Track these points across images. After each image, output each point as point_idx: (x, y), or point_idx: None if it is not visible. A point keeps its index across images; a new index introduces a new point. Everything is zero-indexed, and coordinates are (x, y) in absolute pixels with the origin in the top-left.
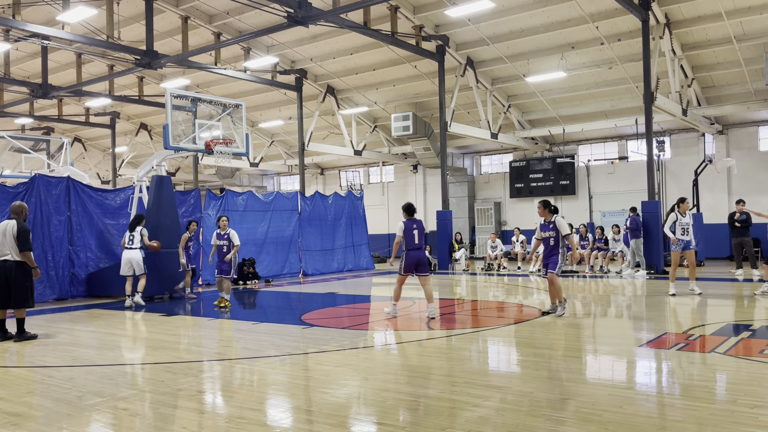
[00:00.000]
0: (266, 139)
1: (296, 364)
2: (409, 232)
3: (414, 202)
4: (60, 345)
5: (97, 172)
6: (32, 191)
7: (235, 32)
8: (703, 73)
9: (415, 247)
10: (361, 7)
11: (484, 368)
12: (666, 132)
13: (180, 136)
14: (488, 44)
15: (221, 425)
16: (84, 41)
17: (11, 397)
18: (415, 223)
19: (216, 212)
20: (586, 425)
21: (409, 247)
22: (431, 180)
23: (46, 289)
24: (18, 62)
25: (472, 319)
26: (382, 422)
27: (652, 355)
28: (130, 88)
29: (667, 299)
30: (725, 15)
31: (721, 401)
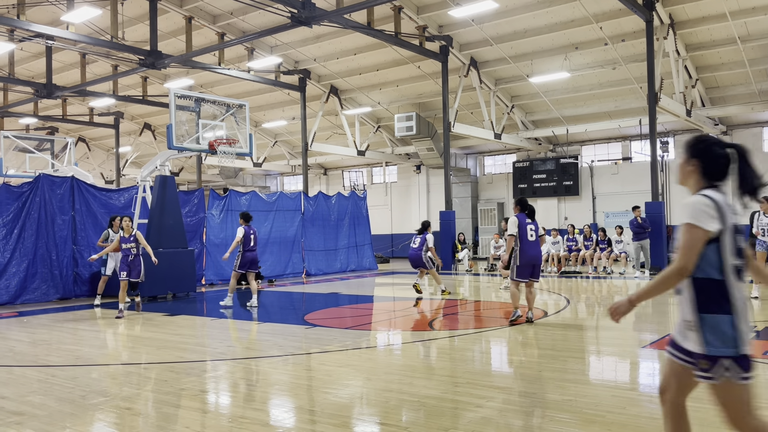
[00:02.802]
0: (270, 139)
1: (299, 364)
2: (523, 228)
3: (417, 203)
4: (63, 344)
5: (101, 172)
6: (36, 191)
7: (239, 32)
8: (707, 73)
9: (531, 245)
10: (365, 8)
11: (486, 369)
12: (670, 133)
13: (183, 136)
14: (492, 45)
15: (224, 425)
16: (88, 41)
17: (15, 396)
18: (528, 219)
19: (220, 212)
20: (589, 426)
21: (524, 244)
22: (434, 180)
23: (49, 289)
24: (23, 62)
25: (475, 320)
26: (384, 422)
27: (656, 356)
28: (134, 88)
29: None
30: (729, 15)
31: None
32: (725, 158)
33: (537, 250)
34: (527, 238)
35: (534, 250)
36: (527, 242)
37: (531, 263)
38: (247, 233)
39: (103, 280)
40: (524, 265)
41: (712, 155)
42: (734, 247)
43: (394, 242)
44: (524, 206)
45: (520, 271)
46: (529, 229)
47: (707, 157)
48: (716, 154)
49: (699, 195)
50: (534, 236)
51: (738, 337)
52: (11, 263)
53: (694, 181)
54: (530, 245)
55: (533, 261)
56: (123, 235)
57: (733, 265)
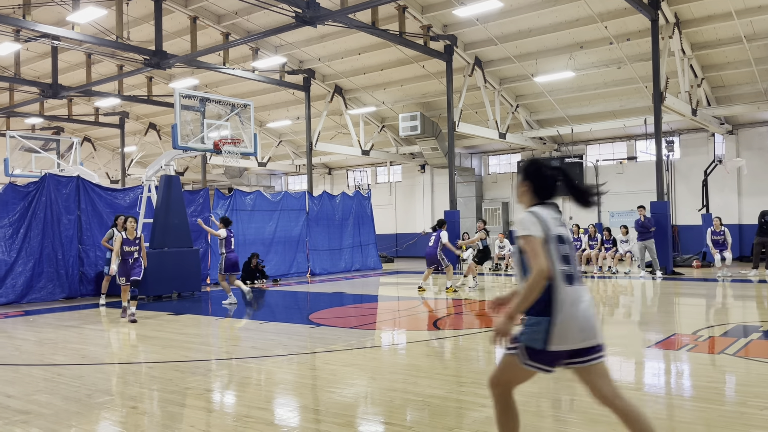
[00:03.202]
0: (274, 139)
1: (304, 363)
2: None
3: (421, 202)
4: (69, 343)
5: (106, 172)
6: (42, 190)
7: (244, 32)
8: (712, 72)
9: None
10: (369, 7)
11: (491, 368)
12: (675, 132)
13: (188, 135)
14: (496, 44)
15: (229, 424)
16: (94, 41)
17: (21, 395)
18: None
19: (224, 212)
20: (593, 426)
21: None
22: (439, 180)
23: (55, 288)
24: (28, 62)
25: (479, 320)
26: (389, 422)
27: (661, 356)
28: (139, 88)
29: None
30: (735, 14)
31: (730, 403)
32: (552, 179)
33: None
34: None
35: None
36: None
37: None
38: (228, 236)
39: (106, 280)
40: None
41: (541, 176)
42: (559, 255)
43: (398, 242)
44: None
45: None
46: None
47: (537, 179)
48: (545, 176)
49: (525, 212)
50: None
51: (550, 336)
52: (17, 262)
53: (527, 200)
54: None
55: None
56: (126, 237)
57: (561, 270)
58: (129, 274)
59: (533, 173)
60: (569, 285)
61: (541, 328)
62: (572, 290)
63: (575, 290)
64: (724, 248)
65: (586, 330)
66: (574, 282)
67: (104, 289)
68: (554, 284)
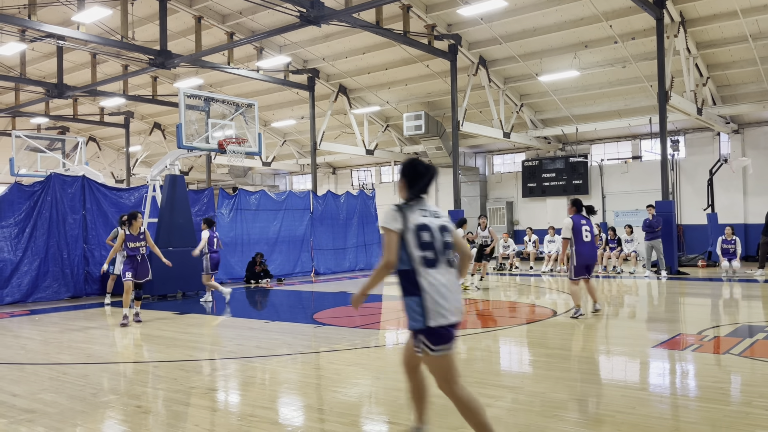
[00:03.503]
0: (278, 138)
1: (308, 362)
2: (578, 229)
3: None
4: (74, 342)
5: (111, 171)
6: (48, 190)
7: (248, 32)
8: (718, 71)
9: (586, 246)
10: (374, 7)
11: (496, 368)
12: (680, 131)
13: (193, 135)
14: (501, 43)
15: (233, 423)
16: (99, 41)
17: (26, 394)
18: (583, 219)
19: (229, 211)
20: (599, 426)
21: (580, 246)
22: (443, 179)
23: (61, 287)
24: (34, 62)
25: (484, 319)
26: (393, 421)
27: (666, 356)
28: (144, 87)
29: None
30: (741, 13)
31: (735, 403)
32: (423, 176)
33: (593, 250)
34: (582, 239)
35: (590, 250)
36: (582, 243)
37: (586, 263)
38: (211, 236)
39: (111, 279)
40: (580, 265)
41: (414, 174)
42: (419, 242)
43: None
44: (580, 207)
45: (577, 270)
46: (584, 230)
47: (410, 176)
48: (417, 173)
49: (390, 206)
50: (589, 236)
51: (427, 313)
52: (23, 262)
53: (403, 194)
54: (585, 246)
55: (588, 261)
56: (130, 233)
57: (420, 256)
58: (137, 274)
59: (408, 171)
60: (429, 268)
61: (417, 310)
62: (432, 272)
63: (436, 272)
64: (734, 257)
65: (450, 308)
66: (435, 265)
67: (109, 288)
68: (414, 269)
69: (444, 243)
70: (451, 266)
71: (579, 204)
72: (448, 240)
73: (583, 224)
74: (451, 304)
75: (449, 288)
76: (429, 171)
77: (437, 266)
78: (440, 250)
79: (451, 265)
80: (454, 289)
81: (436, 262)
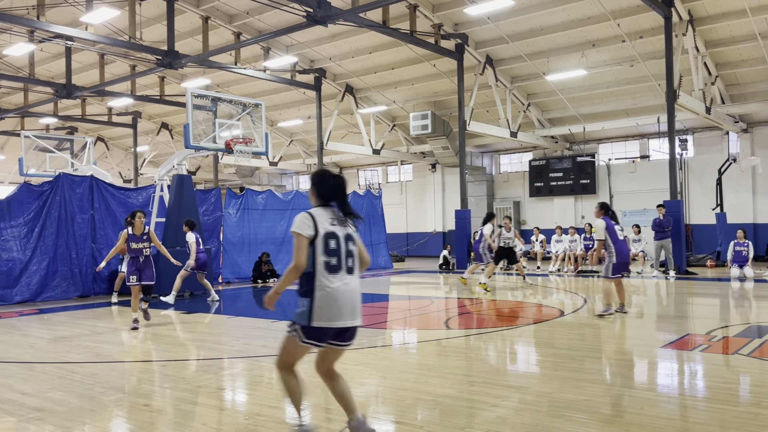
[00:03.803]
0: (285, 138)
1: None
2: (612, 230)
3: (432, 201)
4: (83, 341)
5: (119, 171)
6: (57, 190)
7: (255, 32)
8: (727, 70)
9: (623, 244)
10: (380, 6)
11: (502, 368)
12: (689, 130)
13: (200, 135)
14: (508, 42)
15: (241, 422)
16: (107, 42)
17: (36, 392)
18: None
19: (236, 211)
20: (606, 427)
21: (618, 245)
22: (450, 179)
23: (69, 287)
24: (42, 63)
25: (490, 319)
26: (400, 421)
27: (674, 356)
28: (152, 88)
29: (690, 299)
30: (750, 11)
31: (744, 403)
32: (332, 186)
33: (627, 248)
34: (618, 238)
35: (626, 248)
36: (619, 242)
37: (625, 260)
38: (197, 238)
39: (119, 278)
40: (620, 263)
41: (323, 184)
42: (326, 248)
43: (409, 241)
44: (607, 209)
45: (616, 268)
46: (617, 229)
47: (319, 185)
48: (326, 183)
49: (302, 213)
50: (622, 235)
51: (312, 313)
52: (32, 261)
53: (313, 202)
54: (622, 244)
55: (627, 258)
56: (133, 233)
57: (324, 261)
58: (140, 276)
59: (317, 181)
60: (330, 273)
61: (305, 308)
62: (332, 277)
63: (335, 278)
64: (746, 262)
65: (343, 312)
66: (337, 271)
67: (117, 287)
68: (315, 272)
69: (347, 251)
70: (351, 273)
71: (607, 206)
72: (352, 249)
73: (614, 224)
74: (342, 309)
75: (344, 294)
76: (337, 181)
77: (338, 272)
78: (344, 257)
79: (351, 273)
80: (350, 295)
81: (338, 268)
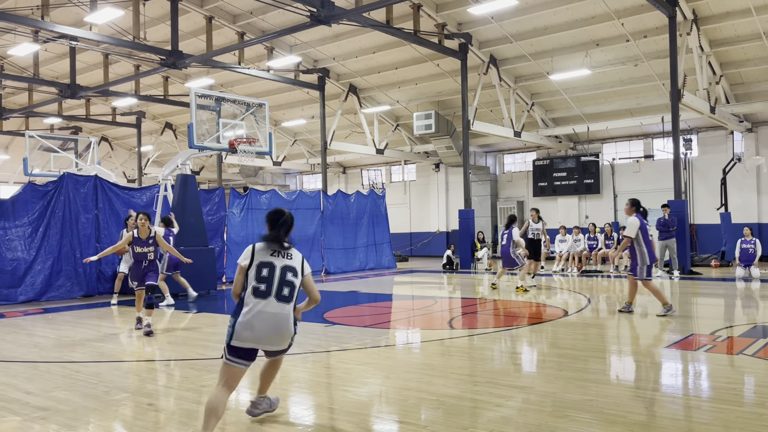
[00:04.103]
0: (289, 138)
1: (318, 362)
2: (644, 229)
3: (436, 201)
4: (87, 341)
5: (123, 171)
6: (61, 189)
7: (259, 32)
8: (731, 69)
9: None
10: (384, 6)
11: (506, 368)
12: (693, 130)
13: (204, 135)
14: (511, 42)
15: (244, 422)
16: (111, 42)
17: (40, 392)
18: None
19: (240, 211)
20: (610, 426)
21: (649, 246)
22: (453, 179)
23: (73, 286)
24: (47, 63)
25: (494, 319)
26: (403, 421)
27: (678, 356)
28: (156, 87)
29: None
30: (754, 11)
31: (749, 404)
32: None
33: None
34: (649, 238)
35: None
36: (650, 242)
37: (654, 261)
38: (167, 234)
39: (119, 278)
40: (651, 264)
41: (270, 219)
42: (258, 276)
43: (412, 241)
44: (638, 206)
45: (649, 269)
46: (648, 228)
47: (272, 223)
48: (271, 220)
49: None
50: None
51: (233, 333)
52: (36, 261)
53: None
54: (651, 245)
55: (654, 259)
56: (138, 236)
57: (253, 287)
58: (142, 279)
59: (270, 218)
60: (256, 298)
61: (229, 327)
62: (256, 302)
63: (258, 303)
64: (752, 260)
65: (257, 336)
66: (264, 297)
67: (116, 288)
68: (246, 296)
69: (282, 281)
70: (281, 301)
71: (638, 203)
72: (291, 280)
73: (646, 224)
74: (256, 333)
75: (265, 320)
76: (286, 222)
77: (266, 298)
78: (275, 285)
79: (281, 300)
80: (271, 322)
81: (266, 294)
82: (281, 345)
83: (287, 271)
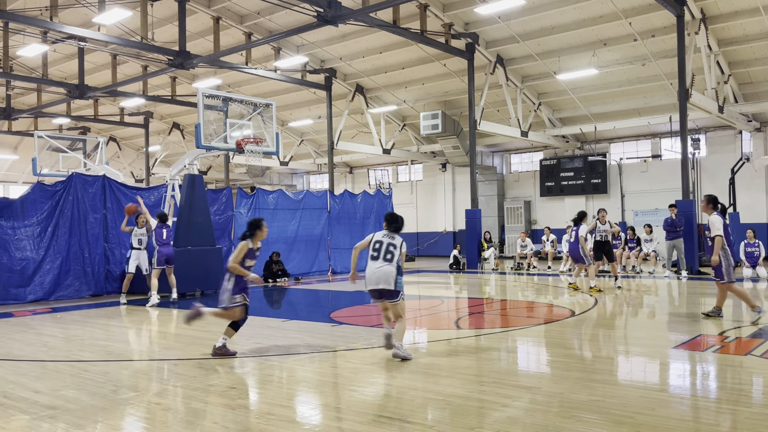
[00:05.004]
0: (296, 138)
1: (325, 361)
2: (726, 228)
3: (442, 201)
4: (95, 340)
5: (131, 171)
6: (69, 189)
7: (266, 32)
8: (740, 69)
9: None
10: (391, 6)
11: (513, 368)
12: (701, 129)
13: (211, 135)
14: (518, 42)
15: (251, 421)
16: (119, 42)
17: (48, 391)
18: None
19: (247, 211)
20: (617, 427)
21: (731, 245)
22: (460, 178)
23: (82, 286)
24: (55, 63)
25: (501, 319)
26: (410, 421)
27: (686, 357)
28: (163, 88)
29: (703, 300)
30: (763, 10)
31: (757, 405)
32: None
33: None
34: (730, 237)
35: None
36: (732, 242)
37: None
38: (159, 228)
39: (127, 278)
40: (732, 264)
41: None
42: (373, 248)
43: (419, 241)
44: (716, 202)
45: (732, 272)
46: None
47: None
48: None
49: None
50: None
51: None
52: (45, 260)
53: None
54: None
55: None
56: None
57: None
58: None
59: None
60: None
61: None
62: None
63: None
64: (757, 261)
65: (372, 281)
66: (374, 259)
67: (125, 288)
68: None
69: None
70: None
71: (716, 200)
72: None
73: (726, 223)
74: (374, 279)
75: (375, 271)
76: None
77: (376, 261)
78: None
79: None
80: (378, 273)
81: (376, 258)
82: (384, 285)
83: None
